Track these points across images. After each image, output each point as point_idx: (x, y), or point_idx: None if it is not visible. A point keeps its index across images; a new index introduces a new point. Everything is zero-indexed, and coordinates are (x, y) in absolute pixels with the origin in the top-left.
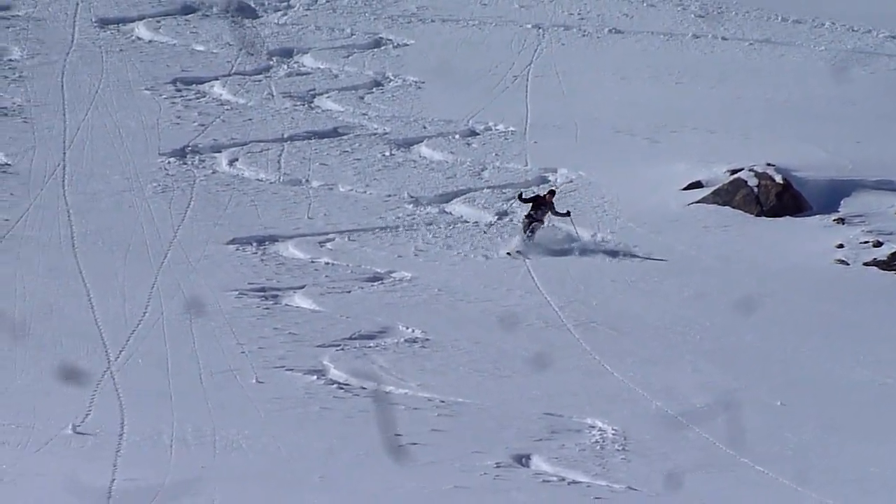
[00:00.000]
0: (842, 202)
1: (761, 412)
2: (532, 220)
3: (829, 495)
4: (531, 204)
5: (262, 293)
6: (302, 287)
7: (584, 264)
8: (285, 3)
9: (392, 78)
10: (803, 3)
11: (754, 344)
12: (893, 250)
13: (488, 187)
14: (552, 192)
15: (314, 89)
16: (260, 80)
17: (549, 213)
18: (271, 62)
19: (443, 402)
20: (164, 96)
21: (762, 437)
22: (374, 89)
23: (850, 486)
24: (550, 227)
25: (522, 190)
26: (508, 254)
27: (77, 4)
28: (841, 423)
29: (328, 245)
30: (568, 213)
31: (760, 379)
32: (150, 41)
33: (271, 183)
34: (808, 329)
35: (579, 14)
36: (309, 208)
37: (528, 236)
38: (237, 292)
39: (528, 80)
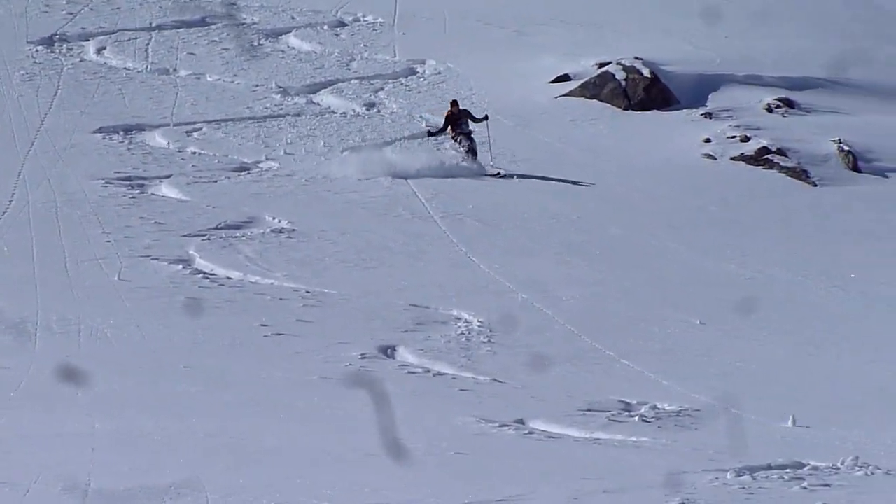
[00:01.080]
0: (709, 97)
1: (627, 306)
2: (461, 137)
3: (695, 389)
4: (448, 125)
5: (128, 182)
6: (168, 176)
7: (450, 157)
8: None
9: None
10: None
11: (621, 238)
12: (761, 145)
13: (356, 78)
14: (455, 102)
15: None
16: None
17: (469, 121)
18: None
19: (308, 292)
20: None
21: (627, 330)
22: None
23: (715, 379)
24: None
25: (428, 128)
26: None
27: None
28: (707, 318)
29: (195, 134)
30: (486, 118)
31: (627, 272)
32: None
33: (139, 72)
34: (675, 223)
35: None
36: (176, 98)
37: (470, 155)
38: (103, 181)
39: None
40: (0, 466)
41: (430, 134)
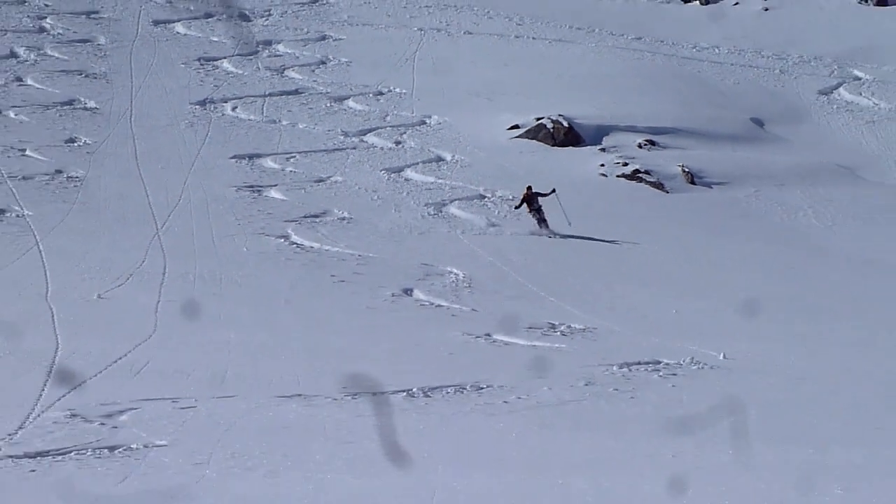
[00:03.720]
0: (604, 139)
1: (555, 266)
2: (537, 214)
3: (590, 315)
4: (525, 203)
5: (250, 188)
6: (275, 185)
7: (449, 176)
8: (267, 12)
9: (332, 59)
10: (582, 16)
11: (554, 225)
12: (634, 168)
13: (389, 126)
14: (529, 188)
15: (284, 65)
16: (251, 59)
17: (539, 198)
18: (258, 48)
19: (360, 255)
20: (193, 69)
21: (554, 280)
22: (321, 66)
23: (606, 311)
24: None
25: (515, 205)
26: (549, 235)
27: (140, 10)
28: (601, 272)
29: (291, 160)
30: (553, 191)
31: (557, 247)
32: (184, 34)
33: (257, 122)
34: (584, 217)
35: (446, 22)
36: (280, 138)
37: (543, 227)
38: (235, 188)
39: (414, 62)
40: (170, 362)
41: (515, 207)
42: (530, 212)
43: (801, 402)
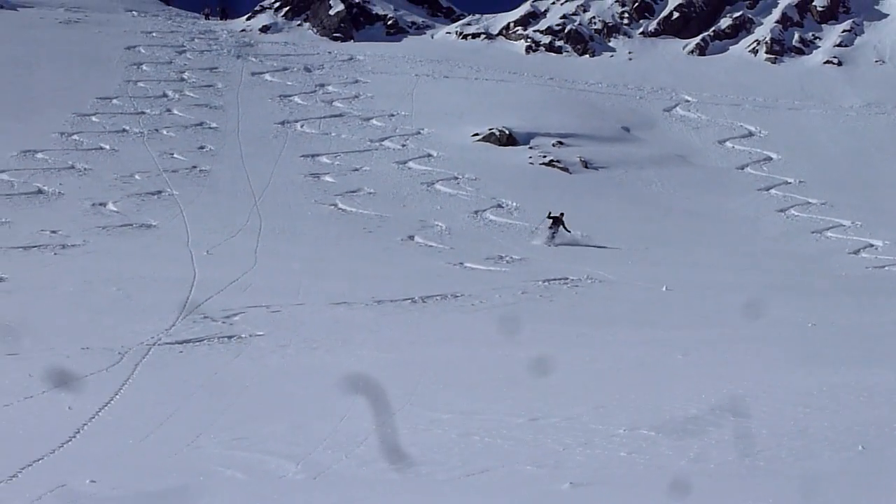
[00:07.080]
0: (531, 141)
1: (500, 224)
2: (553, 231)
3: (524, 249)
4: (552, 220)
5: (313, 175)
6: (328, 173)
7: (436, 166)
8: (321, 67)
9: (362, 94)
10: (516, 65)
11: (504, 195)
12: (550, 158)
13: (398, 135)
14: (562, 214)
15: (332, 99)
16: (312, 95)
17: (561, 226)
18: (316, 89)
19: (381, 216)
20: (276, 102)
21: (504, 231)
22: (355, 98)
23: (533, 246)
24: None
25: (550, 211)
26: (548, 245)
27: (242, 67)
28: (536, 220)
29: (338, 157)
30: (568, 231)
31: (499, 203)
32: (271, 81)
33: (317, 134)
34: (520, 190)
35: (432, 70)
36: (330, 144)
37: (550, 240)
38: (303, 175)
39: (413, 96)
40: (265, 283)
41: (548, 217)
42: (550, 227)
43: (655, 301)
